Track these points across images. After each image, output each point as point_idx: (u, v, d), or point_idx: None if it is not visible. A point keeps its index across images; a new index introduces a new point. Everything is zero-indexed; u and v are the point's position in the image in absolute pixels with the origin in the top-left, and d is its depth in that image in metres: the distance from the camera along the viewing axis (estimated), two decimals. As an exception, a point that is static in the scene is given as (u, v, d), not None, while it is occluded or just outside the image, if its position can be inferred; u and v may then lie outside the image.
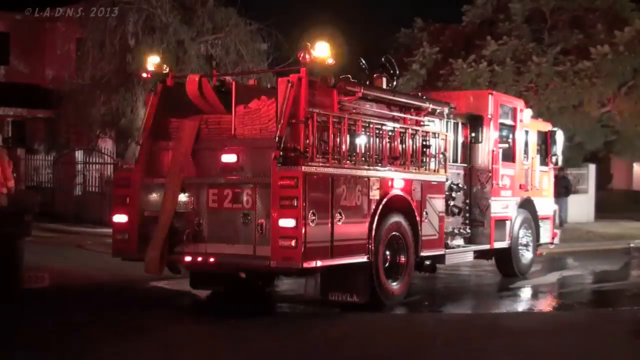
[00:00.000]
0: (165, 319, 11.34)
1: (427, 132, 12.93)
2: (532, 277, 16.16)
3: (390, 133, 12.15)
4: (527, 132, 16.09)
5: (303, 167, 10.41)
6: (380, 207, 11.68)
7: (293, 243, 10.30)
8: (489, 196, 14.77)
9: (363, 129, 11.57)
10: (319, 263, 10.62)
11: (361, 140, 11.55)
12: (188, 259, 11.34)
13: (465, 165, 14.79)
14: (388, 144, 12.11)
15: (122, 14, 25.23)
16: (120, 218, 11.75)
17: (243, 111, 11.35)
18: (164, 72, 12.27)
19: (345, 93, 11.46)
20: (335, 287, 11.67)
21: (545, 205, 16.92)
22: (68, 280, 14.23)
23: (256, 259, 10.90)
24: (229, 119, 11.44)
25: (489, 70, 27.27)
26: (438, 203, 13.17)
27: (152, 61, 12.32)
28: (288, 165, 10.49)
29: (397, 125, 12.35)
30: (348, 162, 11.26)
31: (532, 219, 16.23)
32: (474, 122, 14.82)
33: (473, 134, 14.83)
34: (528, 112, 16.12)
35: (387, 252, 12.04)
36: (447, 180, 13.62)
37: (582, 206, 31.44)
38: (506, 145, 15.20)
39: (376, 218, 11.58)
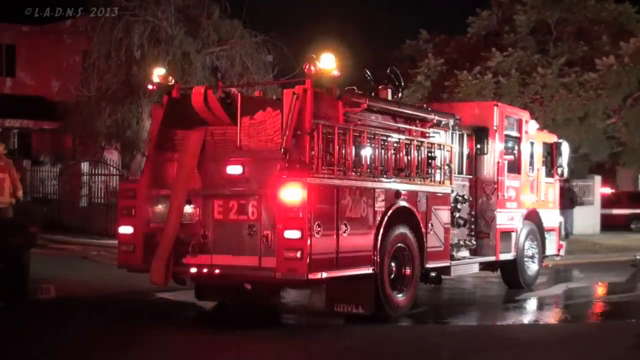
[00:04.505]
0: (170, 331, 11.32)
1: (432, 144, 12.93)
2: (537, 288, 16.13)
3: (395, 144, 12.15)
4: (532, 143, 16.08)
5: (308, 179, 10.41)
6: (386, 218, 11.68)
7: (298, 254, 10.29)
8: (495, 208, 14.75)
9: (368, 141, 11.57)
10: (325, 274, 10.60)
11: (366, 152, 11.55)
12: (193, 270, 11.34)
13: (471, 176, 14.77)
14: (393, 156, 12.11)
15: (128, 26, 25.30)
16: (126, 229, 11.76)
17: (248, 123, 11.36)
18: (170, 84, 12.29)
19: (350, 104, 11.46)
20: (341, 298, 11.65)
21: (551, 216, 16.91)
22: (74, 292, 14.23)
23: (261, 270, 10.89)
24: (234, 131, 11.45)
25: (494, 81, 27.29)
26: (443, 214, 13.16)
27: (158, 73, 12.35)
28: (293, 176, 10.49)
29: (402, 136, 12.36)
30: (353, 173, 11.26)
31: (538, 231, 16.21)
32: (480, 133, 14.81)
33: (478, 146, 14.82)
34: (533, 124, 16.14)
35: (393, 264, 12.03)
36: (452, 191, 13.60)
37: (587, 218, 31.40)
38: (511, 157, 15.21)
39: (381, 229, 11.57)
